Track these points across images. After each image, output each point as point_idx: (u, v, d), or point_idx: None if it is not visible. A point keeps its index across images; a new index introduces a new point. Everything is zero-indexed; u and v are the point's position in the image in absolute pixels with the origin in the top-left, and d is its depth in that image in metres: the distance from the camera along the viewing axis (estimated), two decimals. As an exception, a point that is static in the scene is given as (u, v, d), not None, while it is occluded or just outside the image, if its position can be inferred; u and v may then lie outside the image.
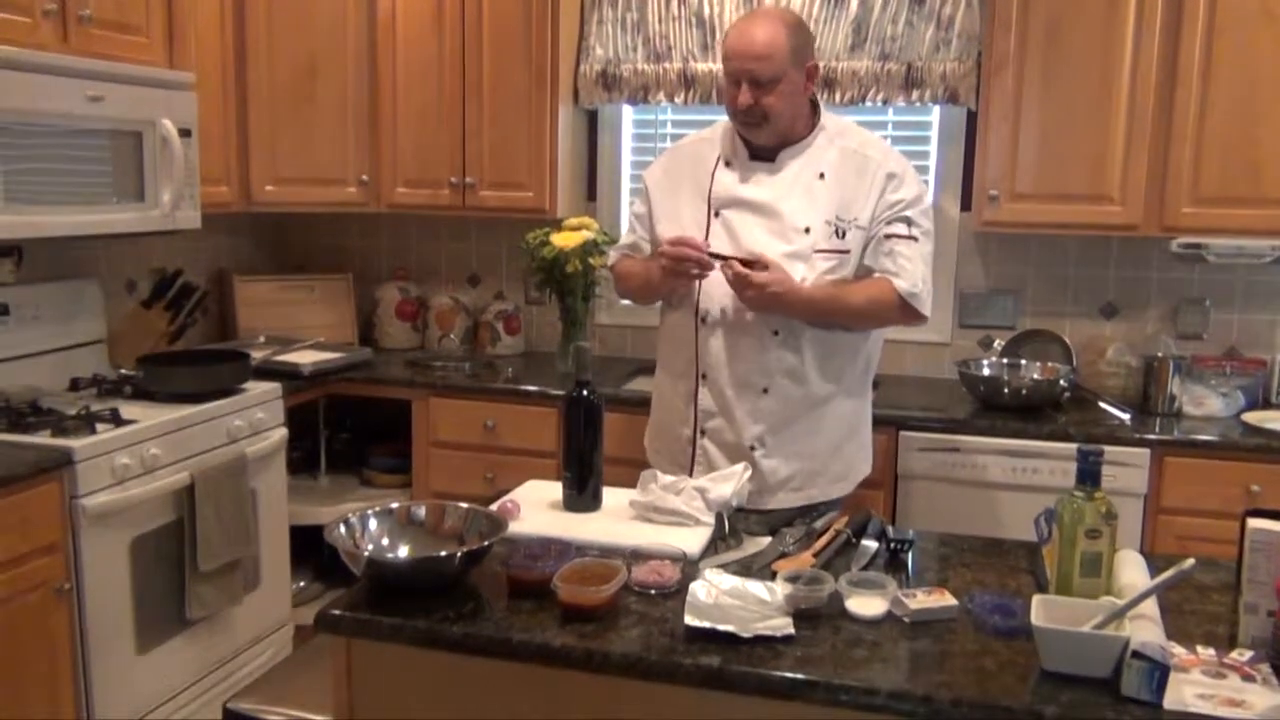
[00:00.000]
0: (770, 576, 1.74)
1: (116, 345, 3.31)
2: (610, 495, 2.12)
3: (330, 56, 3.65)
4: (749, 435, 2.39)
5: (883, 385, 2.63)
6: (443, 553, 1.71)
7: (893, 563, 1.88)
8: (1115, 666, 1.40)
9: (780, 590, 1.64)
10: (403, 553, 1.80)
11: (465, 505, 1.88)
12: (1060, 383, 3.14)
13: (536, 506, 2.09)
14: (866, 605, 1.64)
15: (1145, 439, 2.92)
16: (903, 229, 2.35)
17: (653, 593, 1.70)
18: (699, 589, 1.65)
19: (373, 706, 1.68)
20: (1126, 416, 3.06)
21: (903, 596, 1.65)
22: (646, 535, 1.93)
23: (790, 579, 1.66)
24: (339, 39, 3.64)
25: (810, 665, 1.48)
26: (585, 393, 2.09)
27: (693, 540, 1.91)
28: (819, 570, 1.73)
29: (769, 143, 2.38)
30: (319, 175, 3.70)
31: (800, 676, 1.46)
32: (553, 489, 2.17)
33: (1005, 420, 3.02)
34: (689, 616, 1.57)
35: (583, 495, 2.09)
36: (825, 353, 2.39)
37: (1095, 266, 3.48)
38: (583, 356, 2.14)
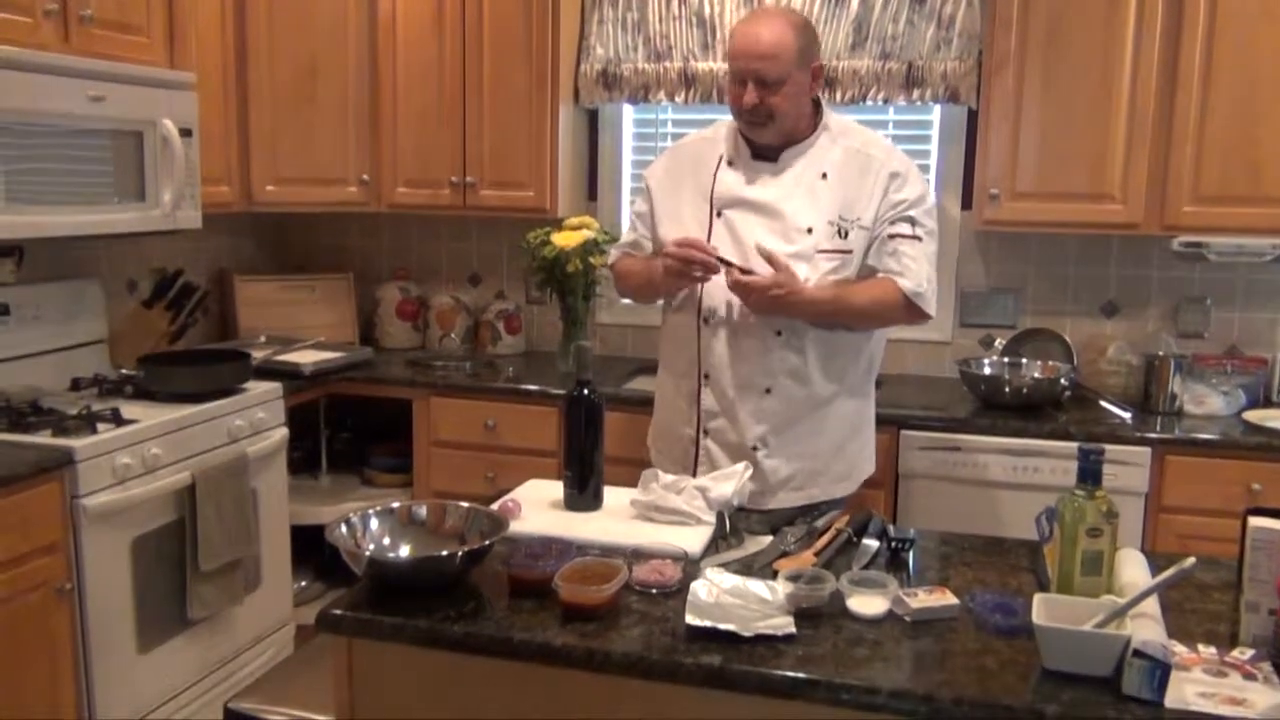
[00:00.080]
0: (771, 575, 1.74)
1: (117, 345, 3.31)
2: (611, 494, 2.12)
3: (331, 56, 3.65)
4: (752, 435, 2.39)
5: (884, 384, 2.63)
6: (444, 552, 1.71)
7: (894, 562, 1.88)
8: (1116, 665, 1.41)
9: (781, 589, 1.64)
10: (404, 552, 1.80)
11: (466, 505, 1.88)
12: (1061, 381, 3.14)
13: (537, 506, 2.09)
14: (868, 604, 1.64)
15: (1146, 438, 2.92)
16: (906, 228, 2.35)
17: (654, 592, 1.70)
18: (700, 588, 1.65)
19: (374, 706, 1.68)
20: (1127, 415, 3.06)
21: (904, 595, 1.65)
22: (647, 534, 1.93)
23: (791, 578, 1.66)
24: (340, 39, 3.64)
25: (811, 664, 1.48)
26: (586, 392, 2.09)
27: (694, 539, 1.91)
28: (820, 569, 1.73)
29: (773, 142, 2.38)
30: (320, 175, 3.70)
31: (801, 676, 1.46)
32: (554, 488, 2.17)
33: (1006, 419, 3.02)
34: (690, 616, 1.57)
35: (584, 494, 2.09)
36: (828, 353, 2.38)
37: (1096, 265, 3.48)
38: (583, 356, 2.14)
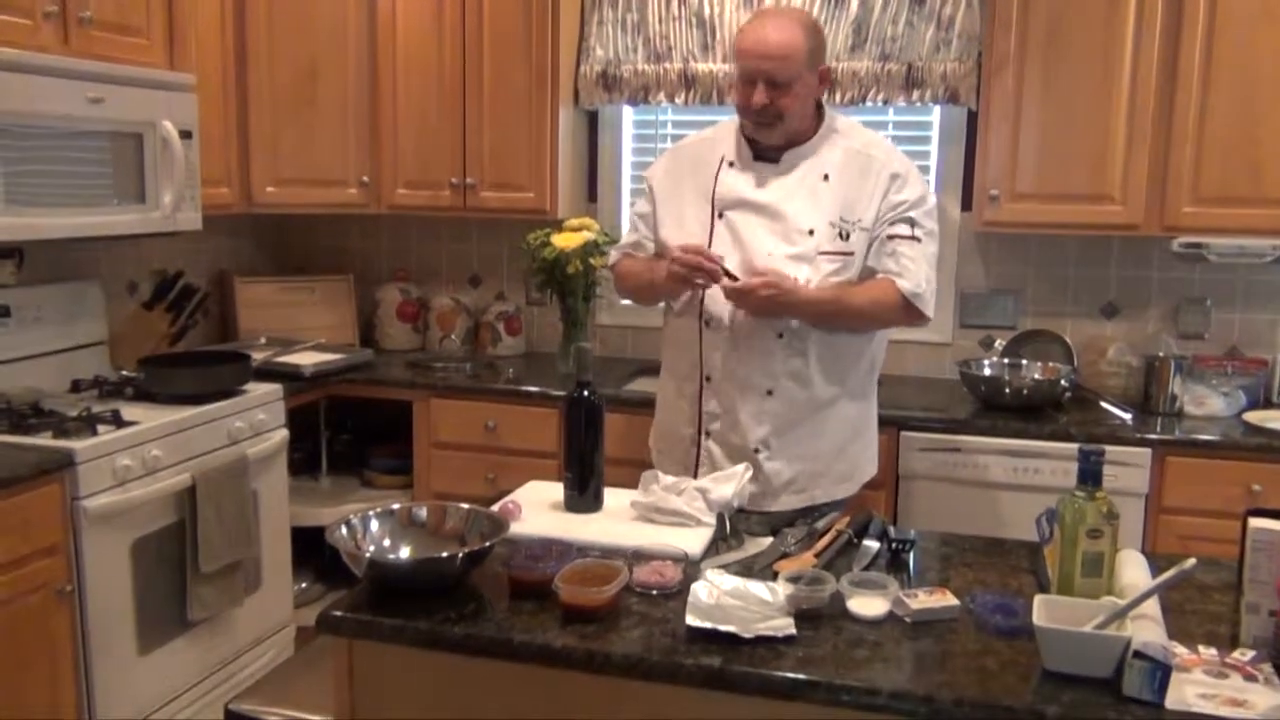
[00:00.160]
0: (772, 577, 1.74)
1: (118, 347, 3.31)
2: (611, 496, 2.12)
3: (331, 58, 3.65)
4: (753, 438, 2.38)
5: (884, 385, 2.63)
6: (444, 554, 1.71)
7: (894, 563, 1.88)
8: (1117, 666, 1.40)
9: (782, 591, 1.64)
10: (404, 554, 1.80)
11: (466, 506, 1.88)
12: (1061, 383, 3.14)
13: (538, 507, 2.09)
14: (868, 605, 1.64)
15: (1146, 439, 2.92)
16: (905, 229, 2.35)
17: (654, 593, 1.70)
18: (700, 589, 1.65)
19: (374, 707, 1.68)
20: (1128, 416, 3.06)
21: (904, 597, 1.65)
22: (648, 536, 1.93)
23: (792, 579, 1.66)
24: (339, 40, 3.64)
25: (812, 665, 1.48)
26: (586, 393, 2.09)
27: (694, 541, 1.91)
28: (820, 571, 1.73)
29: (777, 143, 2.37)
30: (320, 176, 3.70)
31: (802, 677, 1.46)
32: (554, 490, 2.17)
33: (1006, 420, 3.02)
34: (690, 617, 1.57)
35: (584, 496, 2.09)
36: (830, 355, 2.38)
37: (1096, 266, 3.48)
38: (584, 357, 2.14)
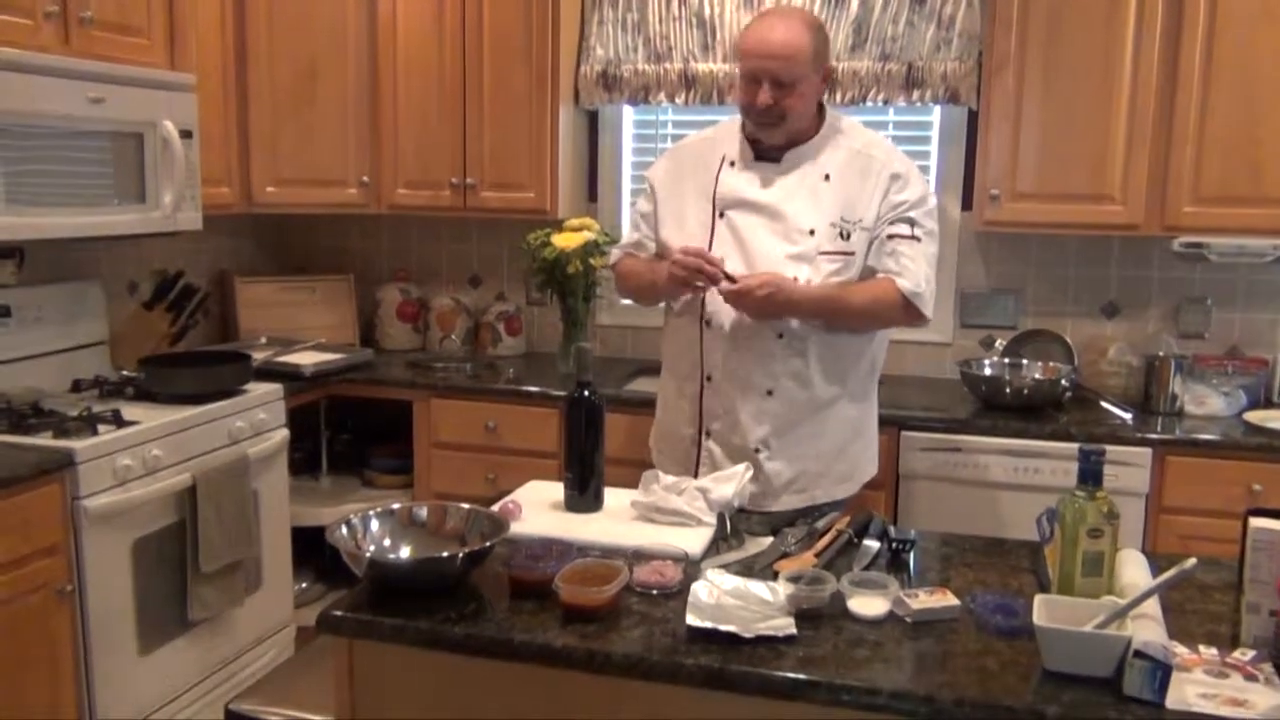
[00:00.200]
0: (772, 577, 1.74)
1: (118, 347, 3.31)
2: (612, 496, 2.12)
3: (331, 58, 3.65)
4: (754, 438, 2.38)
5: (884, 385, 2.63)
6: (444, 554, 1.71)
7: (894, 563, 1.88)
8: (1117, 666, 1.40)
9: (782, 590, 1.64)
10: (404, 554, 1.80)
11: (467, 506, 1.88)
12: (1062, 382, 3.14)
13: (538, 507, 2.10)
14: (868, 605, 1.64)
15: (1147, 438, 2.92)
16: (905, 229, 2.34)
17: (654, 593, 1.70)
18: (701, 589, 1.65)
19: (375, 707, 1.69)
20: (1128, 416, 3.06)
21: (905, 596, 1.65)
22: (648, 536, 1.93)
23: (792, 579, 1.66)
24: (339, 40, 3.64)
25: (812, 665, 1.48)
26: (586, 393, 2.09)
27: (694, 540, 1.91)
28: (821, 570, 1.73)
29: (779, 143, 2.37)
30: (320, 176, 3.70)
31: (802, 677, 1.46)
32: (554, 490, 2.17)
33: (1007, 420, 3.02)
34: (691, 617, 1.57)
35: (584, 496, 2.09)
36: (830, 355, 2.38)
37: (1096, 266, 3.48)
38: (584, 357, 2.14)
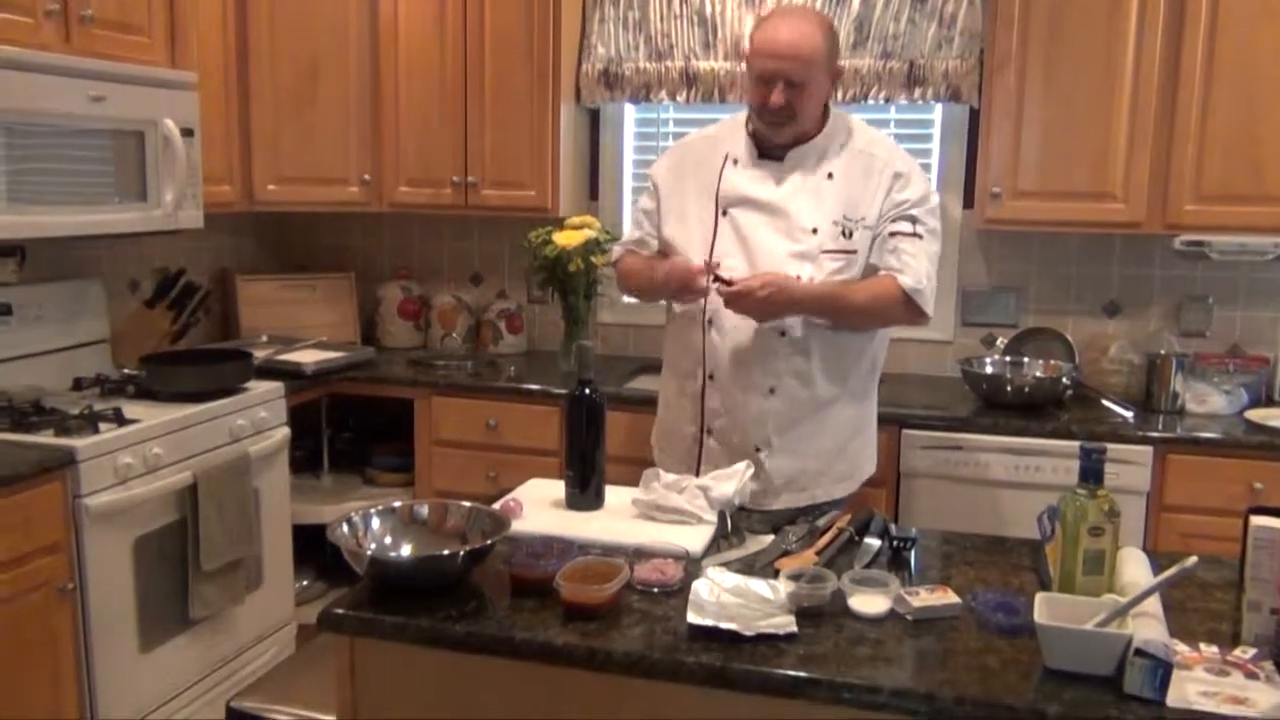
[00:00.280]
0: (773, 575, 1.74)
1: (119, 345, 3.31)
2: (613, 494, 2.12)
3: (332, 55, 3.65)
4: (755, 436, 2.38)
5: (885, 383, 2.62)
6: (445, 552, 1.71)
7: (895, 561, 1.88)
8: (1118, 664, 1.40)
9: (783, 588, 1.64)
10: (405, 551, 1.80)
11: (468, 504, 1.88)
12: (1063, 381, 3.14)
13: (539, 505, 2.10)
14: (869, 603, 1.64)
15: (1148, 437, 2.91)
16: (907, 227, 2.34)
17: (655, 591, 1.70)
18: (701, 587, 1.64)
19: (376, 705, 1.69)
20: (1129, 414, 3.06)
21: (905, 594, 1.65)
22: (649, 534, 1.93)
23: (793, 577, 1.66)
24: (341, 38, 3.64)
25: (813, 663, 1.48)
26: (588, 391, 2.09)
27: (695, 539, 1.91)
28: (822, 568, 1.73)
29: (786, 141, 2.37)
30: (321, 174, 3.70)
31: (803, 675, 1.46)
32: (555, 488, 2.17)
33: (1008, 418, 3.02)
34: (692, 615, 1.57)
35: (585, 494, 2.09)
36: (833, 354, 2.38)
37: (1098, 264, 3.48)
38: (585, 355, 2.14)
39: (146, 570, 2.70)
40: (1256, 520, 1.56)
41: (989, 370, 3.33)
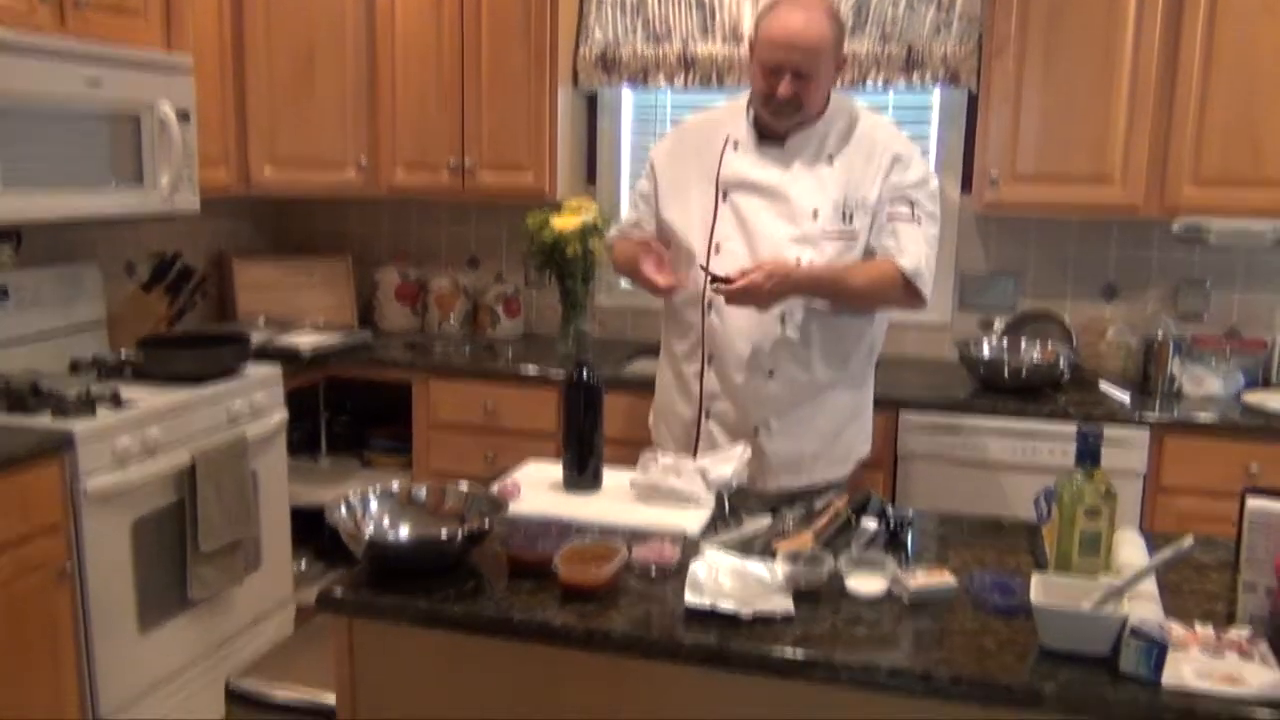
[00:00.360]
0: (770, 556, 1.74)
1: (116, 328, 3.31)
2: (610, 476, 2.13)
3: (329, 38, 3.63)
4: (754, 418, 2.39)
5: (883, 366, 2.62)
6: (443, 533, 1.71)
7: (893, 542, 1.88)
8: (1114, 644, 1.41)
9: (780, 570, 1.65)
10: (403, 533, 1.81)
11: (466, 486, 1.89)
12: (1060, 364, 3.14)
13: (537, 487, 2.10)
14: (866, 584, 1.65)
15: (1145, 419, 2.92)
16: (906, 210, 2.34)
17: (653, 572, 1.70)
18: (699, 568, 1.65)
19: (374, 685, 1.69)
20: (1126, 397, 3.06)
21: (902, 575, 1.65)
22: (647, 515, 1.94)
23: (790, 558, 1.67)
24: (337, 20, 3.63)
25: (810, 644, 1.49)
26: (585, 374, 2.09)
27: (693, 520, 1.92)
28: (819, 550, 1.73)
29: (788, 128, 2.37)
30: (318, 157, 3.69)
31: (800, 655, 1.47)
32: (553, 470, 2.17)
33: (1005, 401, 3.02)
34: (689, 596, 1.57)
35: (583, 476, 2.09)
36: (832, 337, 2.38)
37: (1096, 248, 3.48)
38: (582, 338, 2.14)
39: (145, 552, 2.71)
40: (1253, 502, 1.57)
41: (987, 353, 3.34)
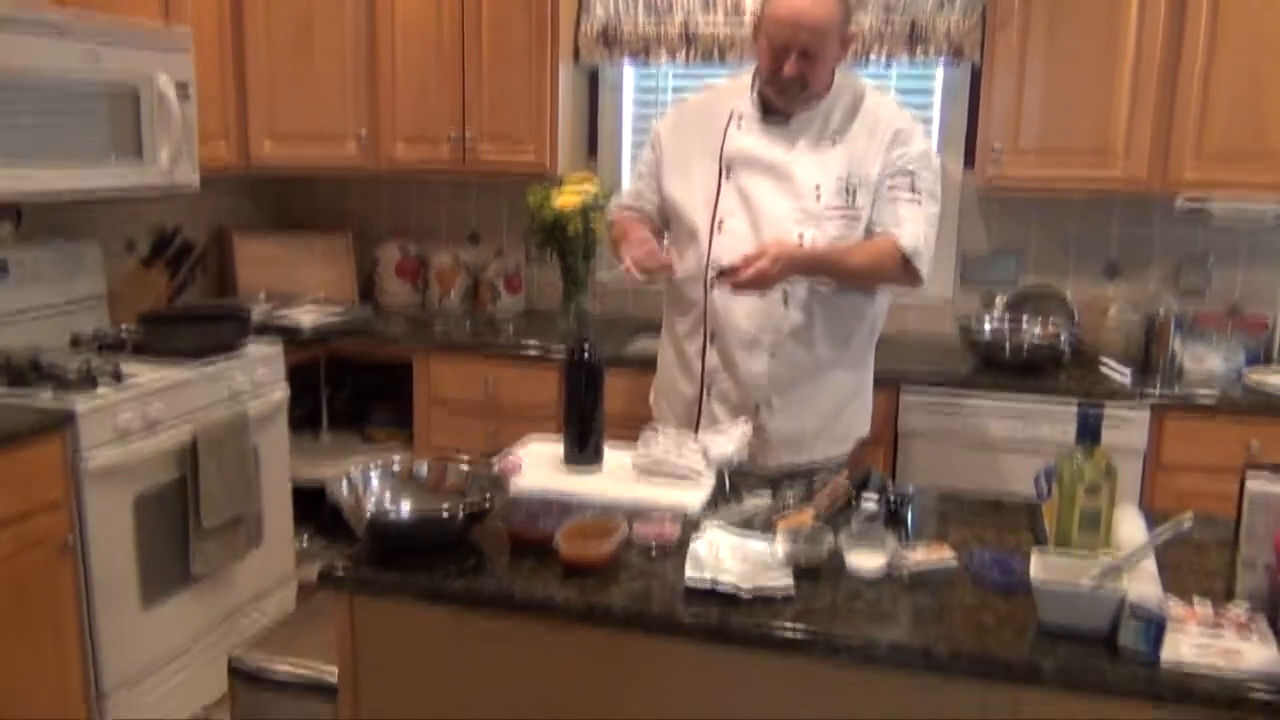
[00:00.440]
0: (771, 533, 1.75)
1: (117, 304, 3.31)
2: (611, 453, 2.13)
3: (328, 11, 3.60)
4: (755, 396, 2.39)
5: (884, 344, 2.62)
6: (444, 510, 1.71)
7: (893, 519, 1.88)
8: (1113, 621, 1.42)
9: (780, 547, 1.65)
10: (405, 510, 1.81)
11: (467, 463, 1.89)
12: (1061, 341, 3.14)
13: (538, 464, 2.10)
14: (866, 561, 1.65)
15: (1145, 397, 2.92)
16: (906, 188, 2.33)
17: (653, 549, 1.71)
18: (699, 545, 1.66)
19: (376, 660, 1.70)
20: (1127, 375, 3.06)
21: (902, 552, 1.66)
22: (647, 492, 1.94)
23: (790, 535, 1.67)
24: (337, -7, 3.60)
25: (810, 620, 1.50)
26: (586, 351, 2.09)
27: (694, 497, 1.92)
28: (819, 526, 1.74)
29: (794, 105, 2.35)
30: (317, 132, 3.67)
31: (800, 631, 1.47)
32: (554, 447, 2.17)
33: (1006, 378, 3.02)
34: (689, 572, 1.58)
35: (584, 453, 2.09)
36: (834, 315, 2.38)
37: (1098, 225, 3.46)
38: (584, 316, 2.14)
39: (147, 527, 2.72)
40: (1253, 479, 1.57)
41: (988, 331, 3.33)
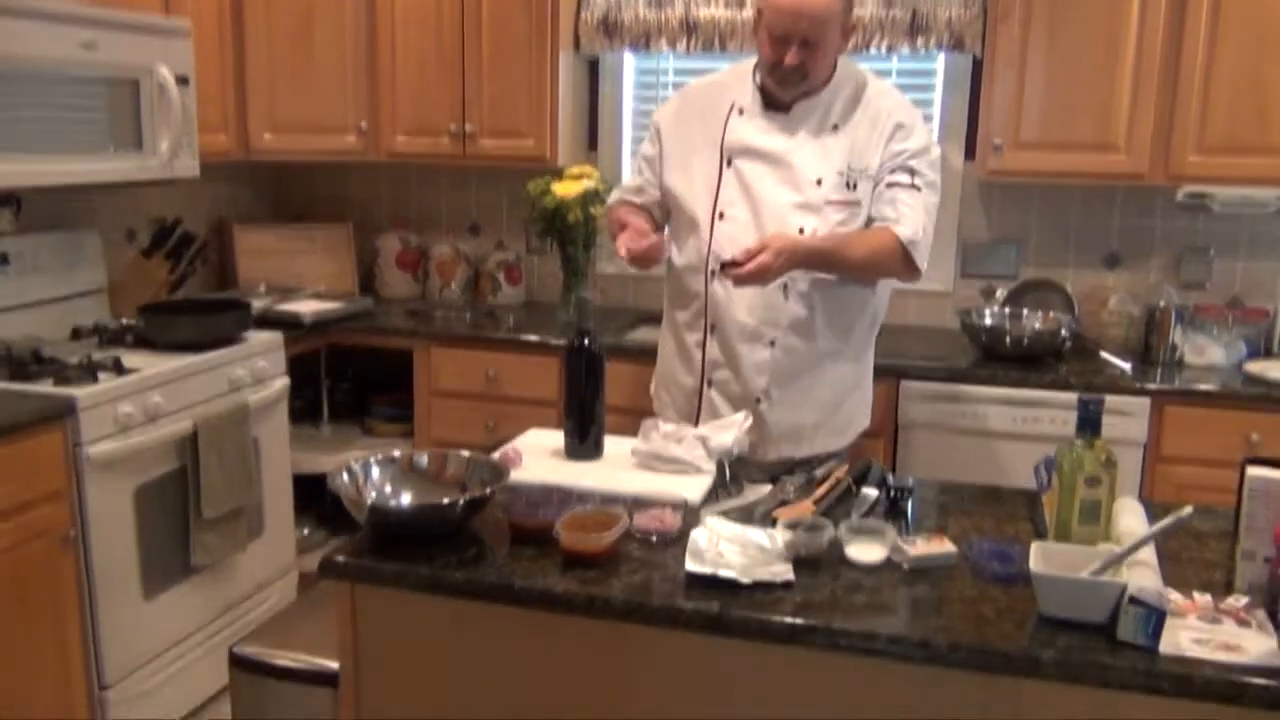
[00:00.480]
0: (771, 524, 1.75)
1: (117, 295, 3.30)
2: (612, 444, 2.13)
3: (328, 2, 3.59)
4: (755, 387, 2.39)
5: (884, 334, 2.61)
6: (445, 500, 1.72)
7: (893, 510, 1.89)
8: (1112, 612, 1.42)
9: (781, 537, 1.65)
10: (405, 500, 1.81)
11: (467, 453, 1.89)
12: (1062, 332, 3.14)
13: (538, 455, 2.10)
14: (866, 552, 1.65)
15: (1146, 388, 2.92)
16: (906, 178, 2.33)
17: (654, 540, 1.71)
18: (700, 536, 1.66)
19: (377, 651, 1.70)
20: (1127, 366, 3.06)
21: (902, 543, 1.66)
22: (648, 483, 1.94)
23: (791, 526, 1.67)
24: (336, -17, 3.60)
25: (810, 611, 1.50)
26: (587, 342, 2.09)
27: (694, 488, 1.92)
28: (819, 517, 1.74)
29: (794, 96, 2.34)
30: (318, 123, 3.66)
31: (800, 622, 1.47)
32: (554, 437, 2.17)
33: (1006, 369, 3.02)
34: (690, 563, 1.58)
35: (584, 444, 2.10)
36: (835, 307, 2.38)
37: (1099, 216, 3.46)
38: (584, 306, 2.13)
39: (148, 518, 2.72)
40: (1253, 471, 1.57)
41: (988, 322, 3.33)
